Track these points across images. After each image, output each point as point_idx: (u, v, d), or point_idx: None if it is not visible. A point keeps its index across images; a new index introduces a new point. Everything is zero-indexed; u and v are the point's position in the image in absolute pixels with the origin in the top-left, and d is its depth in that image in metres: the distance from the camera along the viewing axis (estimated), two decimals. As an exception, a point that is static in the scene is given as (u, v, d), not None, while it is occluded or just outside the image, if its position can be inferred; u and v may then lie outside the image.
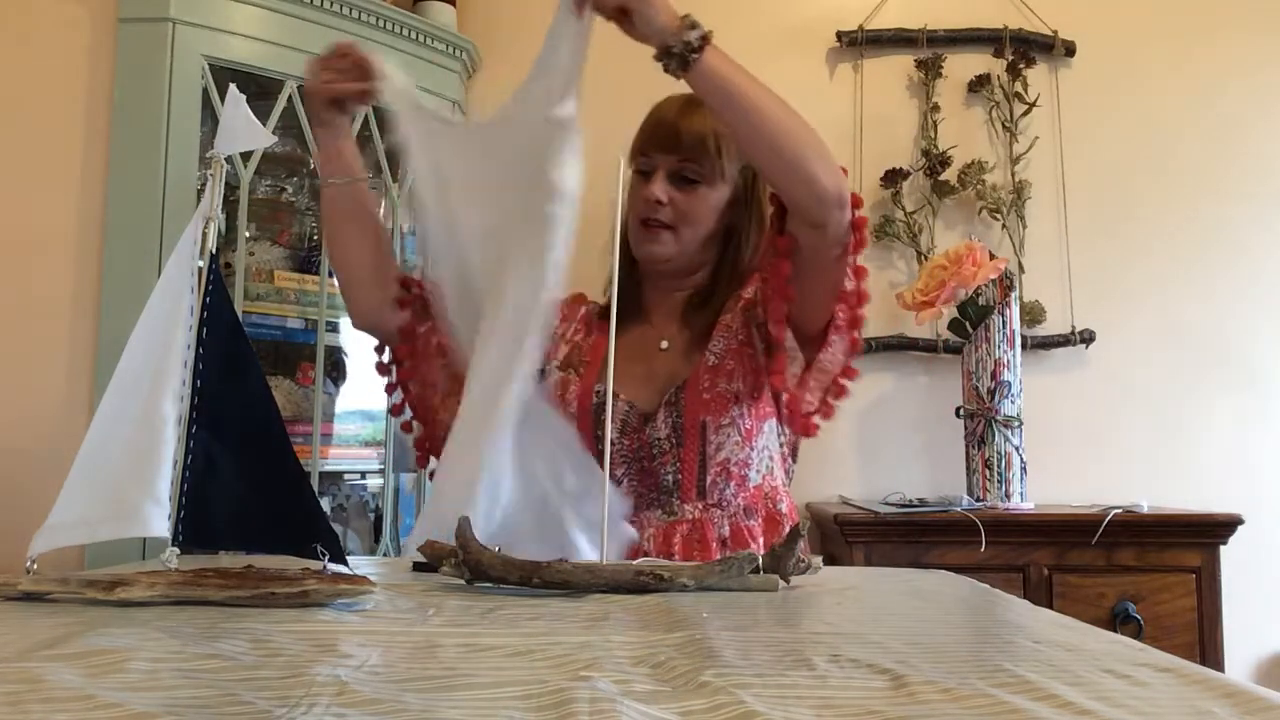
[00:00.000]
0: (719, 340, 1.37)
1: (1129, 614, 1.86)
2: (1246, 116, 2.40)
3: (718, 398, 1.33)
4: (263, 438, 0.80)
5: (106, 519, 0.77)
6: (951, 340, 2.22)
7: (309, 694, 0.46)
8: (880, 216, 2.36)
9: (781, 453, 1.42)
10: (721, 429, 1.33)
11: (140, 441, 0.77)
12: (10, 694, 0.45)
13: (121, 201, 1.82)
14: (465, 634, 0.63)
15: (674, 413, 1.33)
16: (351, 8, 2.06)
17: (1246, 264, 2.37)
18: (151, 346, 0.78)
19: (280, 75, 1.99)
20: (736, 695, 0.47)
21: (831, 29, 2.42)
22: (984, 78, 2.39)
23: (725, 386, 1.33)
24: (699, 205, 1.37)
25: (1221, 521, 1.91)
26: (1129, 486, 2.23)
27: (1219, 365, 2.35)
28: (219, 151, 0.80)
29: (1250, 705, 0.46)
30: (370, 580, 0.76)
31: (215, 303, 0.79)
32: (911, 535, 1.89)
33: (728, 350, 1.36)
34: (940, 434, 2.27)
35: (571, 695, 0.46)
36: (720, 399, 1.33)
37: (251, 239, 2.03)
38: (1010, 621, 0.76)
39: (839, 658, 0.56)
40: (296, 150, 2.08)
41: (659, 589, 0.82)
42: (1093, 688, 0.50)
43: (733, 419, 1.33)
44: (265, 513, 0.80)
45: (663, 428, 1.32)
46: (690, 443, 1.32)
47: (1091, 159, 2.39)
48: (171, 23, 1.84)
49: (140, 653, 0.54)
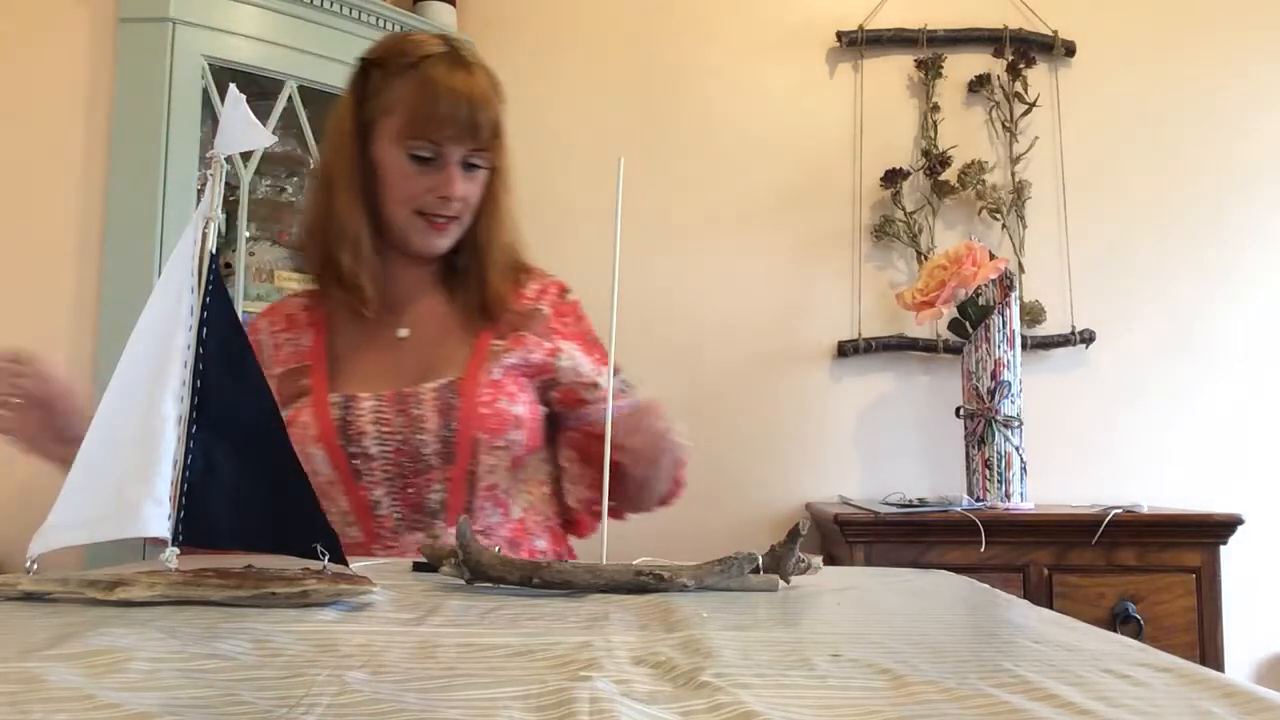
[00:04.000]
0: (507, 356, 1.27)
1: (1129, 614, 1.86)
2: (1246, 117, 2.40)
3: (497, 415, 1.21)
4: (263, 437, 0.80)
5: (106, 519, 0.77)
6: (951, 340, 2.22)
7: (309, 694, 0.46)
8: (880, 216, 2.36)
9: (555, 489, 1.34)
10: (495, 450, 1.22)
11: (140, 441, 0.77)
12: (10, 694, 0.45)
13: (121, 201, 1.82)
14: (465, 634, 0.63)
15: (446, 423, 1.20)
16: (351, 8, 2.06)
17: (1247, 264, 2.38)
18: (151, 346, 0.78)
19: (280, 75, 1.99)
20: (736, 695, 0.47)
21: (831, 29, 2.42)
22: (984, 78, 2.39)
23: (506, 407, 1.23)
24: (479, 188, 1.29)
25: (1221, 521, 1.91)
26: (1129, 486, 2.23)
27: (1219, 365, 2.35)
28: (219, 151, 0.80)
29: (1250, 705, 0.46)
30: (370, 580, 0.76)
31: (215, 303, 0.79)
32: (911, 535, 1.89)
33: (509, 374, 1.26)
34: (940, 434, 2.27)
35: (571, 695, 0.46)
36: (500, 418, 1.21)
37: (251, 239, 2.03)
38: (1010, 621, 0.76)
39: (839, 658, 0.56)
40: (296, 150, 2.08)
41: (659, 589, 0.82)
42: (1093, 688, 0.50)
43: (508, 443, 1.22)
44: (265, 513, 0.80)
45: (431, 440, 1.20)
46: (460, 459, 1.20)
47: (1091, 159, 2.39)
48: (171, 23, 1.85)
49: (140, 653, 0.54)
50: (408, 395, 1.22)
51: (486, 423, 1.21)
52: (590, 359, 1.32)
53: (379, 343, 1.29)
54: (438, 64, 1.23)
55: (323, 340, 1.29)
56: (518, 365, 1.27)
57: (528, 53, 2.43)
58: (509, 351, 1.27)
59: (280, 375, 1.27)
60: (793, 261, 2.38)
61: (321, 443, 1.20)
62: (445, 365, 1.26)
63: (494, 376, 1.25)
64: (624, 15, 2.43)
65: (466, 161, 1.26)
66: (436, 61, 1.23)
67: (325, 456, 1.20)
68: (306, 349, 1.29)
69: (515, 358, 1.27)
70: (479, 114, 1.23)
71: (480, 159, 1.27)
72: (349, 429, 1.20)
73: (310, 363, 1.27)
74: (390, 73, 1.25)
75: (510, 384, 1.25)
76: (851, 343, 2.34)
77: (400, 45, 1.27)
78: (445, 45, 1.26)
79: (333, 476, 1.21)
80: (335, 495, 1.21)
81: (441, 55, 1.24)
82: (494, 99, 1.26)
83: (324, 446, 1.20)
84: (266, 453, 0.80)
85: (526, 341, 1.29)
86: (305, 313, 1.33)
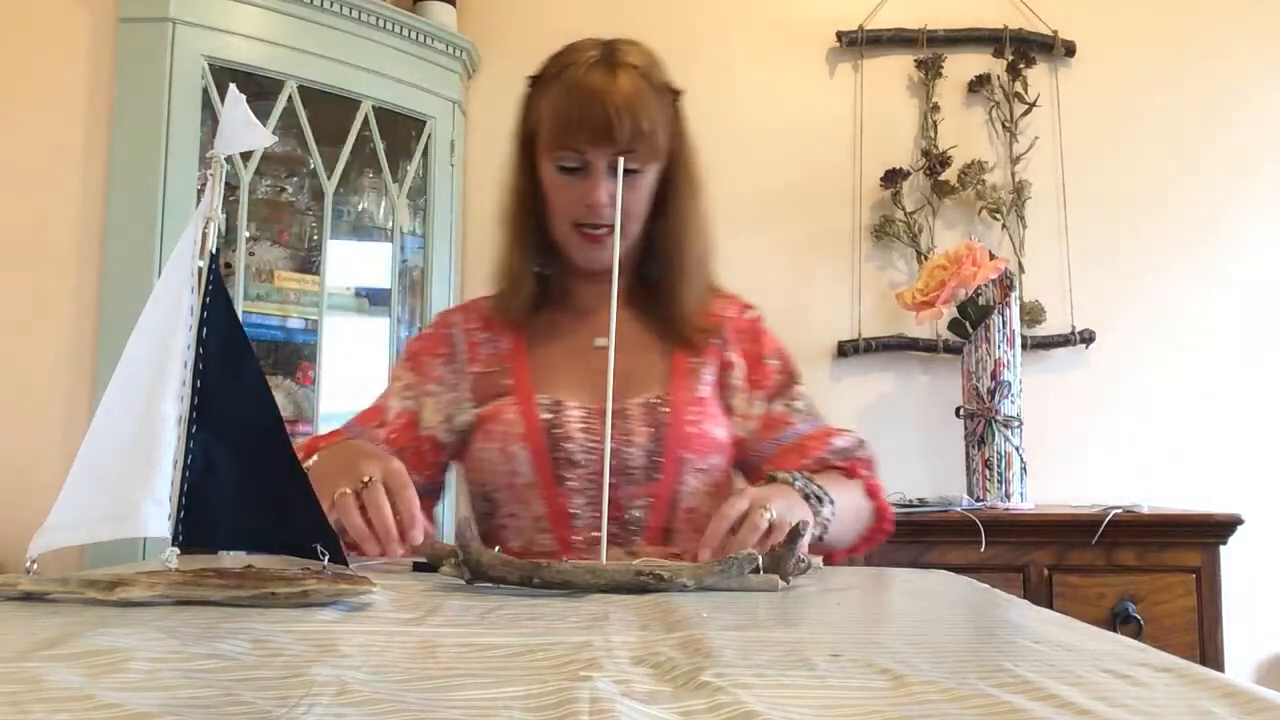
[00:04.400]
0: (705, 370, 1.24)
1: (1129, 614, 1.86)
2: (1246, 117, 2.40)
3: (703, 437, 1.19)
4: (263, 438, 0.80)
5: (106, 519, 0.77)
6: (951, 340, 2.22)
7: (309, 694, 0.46)
8: (880, 216, 2.36)
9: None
10: (699, 472, 1.19)
11: (140, 441, 0.77)
12: (10, 694, 0.45)
13: (121, 201, 1.82)
14: (465, 634, 0.63)
15: (655, 439, 1.17)
16: (351, 8, 2.06)
17: (1247, 263, 2.38)
18: (151, 346, 0.78)
19: (280, 75, 1.99)
20: (736, 695, 0.47)
21: (831, 29, 2.42)
22: (984, 78, 2.39)
23: (710, 429, 1.20)
24: (641, 195, 1.22)
25: (1221, 521, 1.91)
26: (1129, 486, 2.23)
27: (1219, 365, 2.35)
28: (219, 151, 0.80)
29: (1250, 705, 0.46)
30: (370, 580, 0.76)
31: (215, 303, 0.79)
32: (911, 535, 1.89)
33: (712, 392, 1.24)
34: (940, 434, 2.27)
35: (571, 695, 0.46)
36: (704, 440, 1.19)
37: (251, 239, 2.03)
38: (1010, 621, 0.76)
39: (839, 658, 0.56)
40: (296, 150, 2.08)
41: (659, 589, 0.82)
42: (1093, 688, 0.50)
43: (709, 467, 1.20)
44: (265, 513, 0.80)
45: (639, 454, 1.17)
46: (666, 477, 1.17)
47: (1091, 159, 2.39)
48: (171, 23, 1.85)
49: (140, 653, 0.54)
50: (616, 409, 1.17)
51: (693, 443, 1.18)
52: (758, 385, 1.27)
53: (576, 350, 1.26)
54: (581, 69, 1.18)
55: (522, 344, 1.27)
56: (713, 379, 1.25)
57: (528, 53, 2.42)
58: (706, 366, 1.25)
59: (478, 374, 1.26)
60: (793, 261, 2.38)
61: (526, 442, 1.17)
62: (644, 378, 1.23)
63: (700, 394, 1.22)
64: (624, 15, 2.42)
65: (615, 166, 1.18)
66: (581, 67, 1.18)
67: (529, 457, 1.17)
68: (506, 351, 1.27)
69: (710, 372, 1.25)
70: (619, 116, 1.15)
71: (629, 161, 1.17)
72: (555, 431, 1.17)
73: (512, 365, 1.25)
74: (543, 84, 1.23)
75: (714, 405, 1.23)
76: (851, 343, 2.34)
77: (556, 56, 1.24)
78: (599, 50, 1.20)
79: (532, 479, 1.17)
80: (531, 499, 1.18)
81: (590, 61, 1.19)
82: (643, 100, 1.17)
83: (529, 446, 1.17)
84: (266, 453, 0.80)
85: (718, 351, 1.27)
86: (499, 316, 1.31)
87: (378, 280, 2.21)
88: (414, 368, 1.29)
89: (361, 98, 2.11)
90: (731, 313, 1.32)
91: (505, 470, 1.18)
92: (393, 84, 2.16)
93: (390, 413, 1.26)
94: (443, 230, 2.27)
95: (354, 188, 2.22)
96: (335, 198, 2.10)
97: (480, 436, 1.21)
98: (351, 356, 2.14)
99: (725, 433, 1.22)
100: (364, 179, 2.23)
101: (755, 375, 1.28)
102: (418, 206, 2.28)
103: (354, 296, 2.19)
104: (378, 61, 2.13)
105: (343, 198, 2.17)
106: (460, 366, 1.27)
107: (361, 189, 2.23)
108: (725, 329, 1.29)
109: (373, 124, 2.14)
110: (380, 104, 2.15)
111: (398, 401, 1.27)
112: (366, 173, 2.22)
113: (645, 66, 1.20)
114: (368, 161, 2.20)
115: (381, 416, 1.26)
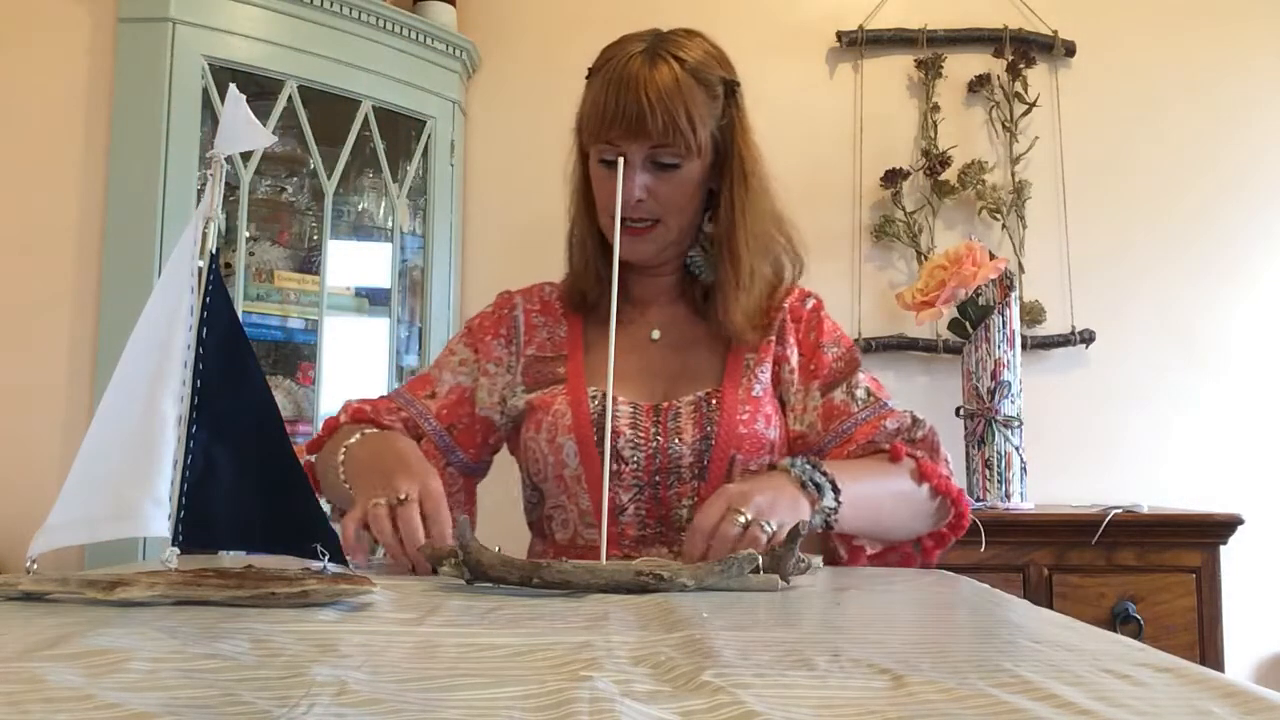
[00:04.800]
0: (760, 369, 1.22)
1: (1129, 614, 1.86)
2: (1247, 117, 2.40)
3: (754, 437, 1.17)
4: (263, 438, 0.80)
5: (106, 519, 0.77)
6: (951, 340, 2.22)
7: (309, 694, 0.46)
8: (880, 216, 2.36)
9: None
10: (749, 473, 1.16)
11: (140, 441, 0.77)
12: (10, 694, 0.45)
13: (121, 201, 1.82)
14: (465, 634, 0.63)
15: (704, 437, 1.16)
16: (351, 8, 2.06)
17: (1246, 264, 2.38)
18: (151, 346, 0.78)
19: (280, 75, 1.99)
20: (736, 695, 0.47)
21: (831, 29, 2.42)
22: (984, 78, 2.39)
23: (763, 430, 1.18)
24: (680, 189, 1.19)
25: (1221, 521, 1.91)
26: (1129, 486, 2.23)
27: (1219, 365, 2.35)
28: (219, 151, 0.80)
29: (1250, 705, 0.46)
30: (370, 580, 0.76)
31: (215, 303, 0.79)
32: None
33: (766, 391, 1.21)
34: (940, 434, 2.27)
35: (571, 695, 0.46)
36: (756, 439, 1.17)
37: (251, 239, 2.03)
38: (1010, 621, 0.76)
39: (839, 658, 0.56)
40: (296, 150, 2.08)
41: (659, 589, 0.82)
42: (1093, 688, 0.50)
43: (760, 467, 1.17)
44: (265, 513, 0.80)
45: (687, 452, 1.16)
46: (714, 476, 1.15)
47: (1091, 159, 2.39)
48: (171, 23, 1.85)
49: (140, 653, 0.54)
50: (665, 407, 1.18)
51: (744, 443, 1.16)
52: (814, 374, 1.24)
53: (632, 342, 1.25)
54: (621, 62, 1.16)
55: (579, 333, 1.26)
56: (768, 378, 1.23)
57: (528, 53, 2.43)
58: (761, 364, 1.23)
59: (531, 358, 1.26)
60: (793, 261, 2.37)
61: (574, 434, 1.16)
62: (698, 374, 1.22)
63: (754, 393, 1.20)
64: (624, 15, 2.41)
65: (654, 160, 1.17)
66: (621, 60, 1.16)
67: (576, 450, 1.15)
68: (562, 339, 1.26)
69: (765, 371, 1.23)
70: (652, 108, 1.12)
71: (667, 155, 1.16)
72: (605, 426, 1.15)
73: (566, 353, 1.24)
74: (592, 78, 1.21)
75: (768, 404, 1.20)
76: (851, 343, 2.34)
77: (607, 48, 1.22)
78: (645, 43, 1.17)
79: (579, 472, 1.16)
80: (578, 493, 1.17)
81: (634, 53, 1.16)
82: (682, 92, 1.14)
83: (576, 439, 1.16)
84: (266, 453, 0.80)
85: (771, 347, 1.24)
86: (560, 303, 1.31)
87: (378, 280, 2.21)
88: (472, 344, 1.29)
89: (361, 98, 2.11)
90: (792, 302, 1.29)
91: (553, 462, 1.18)
92: (393, 84, 2.16)
93: (443, 386, 1.25)
94: (443, 230, 2.27)
95: (354, 188, 2.22)
96: (335, 198, 2.10)
97: (531, 426, 1.20)
98: (351, 356, 2.14)
99: (777, 433, 1.20)
100: (364, 179, 2.23)
101: (812, 364, 1.25)
102: (418, 206, 2.28)
103: (354, 296, 2.19)
104: (378, 61, 2.13)
105: (343, 198, 2.17)
106: (518, 349, 1.27)
107: (361, 189, 2.23)
108: (782, 323, 1.27)
109: (373, 124, 2.14)
110: (380, 104, 2.15)
111: (452, 376, 1.26)
112: (366, 173, 2.22)
113: (695, 59, 1.17)
114: (368, 161, 2.20)
115: (433, 387, 1.26)
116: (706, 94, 1.17)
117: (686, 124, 1.14)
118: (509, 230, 2.38)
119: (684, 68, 1.16)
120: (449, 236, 2.28)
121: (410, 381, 1.30)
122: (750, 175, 1.23)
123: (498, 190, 2.42)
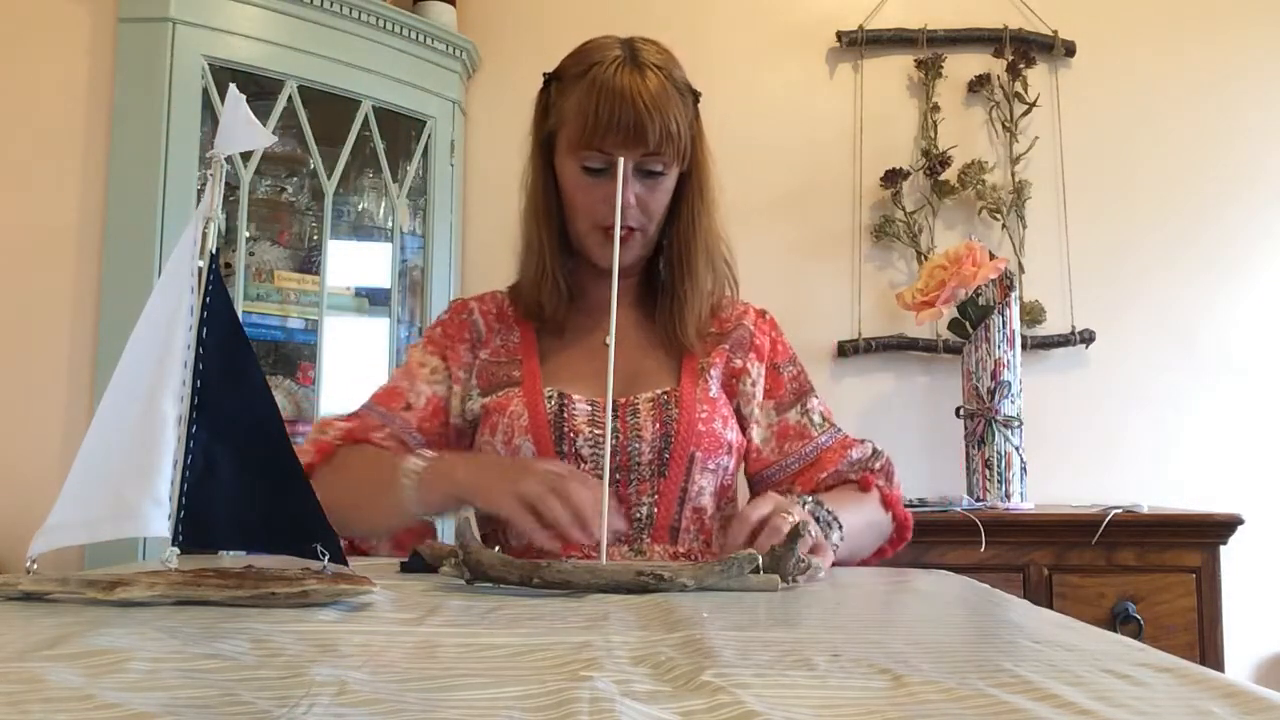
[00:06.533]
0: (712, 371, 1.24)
1: (1129, 614, 1.86)
2: (1246, 117, 2.40)
3: (713, 435, 1.19)
4: (263, 438, 0.80)
5: (106, 519, 0.77)
6: (951, 340, 2.22)
7: (309, 694, 0.46)
8: (880, 216, 2.36)
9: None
10: (707, 472, 1.19)
11: (140, 442, 0.77)
12: (10, 694, 0.45)
13: (121, 201, 1.82)
14: (465, 634, 0.63)
15: (664, 434, 1.17)
16: (351, 8, 2.06)
17: (1246, 264, 2.38)
18: (151, 346, 0.78)
19: (280, 75, 1.99)
20: (736, 695, 0.47)
21: (831, 29, 2.42)
22: (984, 78, 2.39)
23: (720, 430, 1.20)
24: (662, 197, 1.21)
25: (1221, 521, 1.91)
26: (1129, 486, 2.23)
27: (1219, 365, 2.35)
28: (219, 151, 0.80)
29: (1250, 705, 0.46)
30: (370, 580, 0.76)
31: (215, 303, 0.79)
32: (911, 535, 1.88)
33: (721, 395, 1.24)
34: (940, 434, 2.27)
35: (571, 695, 0.46)
36: (714, 439, 1.19)
37: (251, 239, 2.03)
38: (1010, 621, 0.76)
39: (839, 658, 0.56)
40: (296, 150, 2.08)
41: (659, 589, 0.82)
42: (1093, 688, 0.50)
43: (718, 467, 1.20)
44: (265, 513, 0.80)
45: (647, 450, 1.16)
46: (674, 474, 1.16)
47: (1091, 159, 2.39)
48: (171, 23, 1.85)
49: (140, 653, 0.54)
50: (624, 403, 1.19)
51: (703, 440, 1.17)
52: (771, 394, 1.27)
53: (584, 347, 1.26)
54: (607, 69, 1.16)
55: (532, 339, 1.27)
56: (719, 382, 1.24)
57: (528, 53, 2.42)
58: (713, 368, 1.25)
59: (485, 361, 1.25)
60: (793, 261, 2.38)
61: (531, 435, 1.15)
62: (654, 374, 1.23)
63: (711, 394, 1.22)
64: (624, 15, 2.42)
65: (643, 169, 1.18)
66: (606, 67, 1.16)
67: (533, 451, 1.15)
68: (515, 345, 1.26)
69: (717, 374, 1.24)
70: (647, 117, 1.14)
71: (655, 164, 1.18)
72: (563, 425, 1.16)
73: (521, 358, 1.25)
74: (565, 84, 1.21)
75: (724, 407, 1.22)
76: (851, 343, 2.34)
77: (577, 53, 1.22)
78: (623, 49, 1.19)
79: None
80: None
81: (615, 60, 1.17)
82: (670, 101, 1.16)
83: (534, 439, 1.15)
84: (266, 453, 0.80)
85: (725, 355, 1.26)
86: (514, 310, 1.31)
87: (378, 280, 2.21)
88: (439, 352, 1.28)
89: (361, 98, 2.11)
90: (747, 320, 1.31)
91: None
92: (393, 84, 2.16)
93: (418, 397, 1.24)
94: (443, 230, 2.27)
95: (354, 188, 2.22)
96: (335, 198, 2.10)
97: (486, 429, 1.20)
98: (351, 357, 2.14)
99: (735, 435, 1.21)
100: (364, 179, 2.23)
101: (770, 384, 1.27)
102: (418, 206, 2.28)
103: (354, 296, 2.19)
104: (378, 61, 2.13)
105: (343, 198, 2.17)
106: (478, 350, 1.27)
107: (361, 189, 2.23)
108: (738, 336, 1.29)
109: (373, 124, 2.14)
110: (380, 104, 2.15)
111: (427, 386, 1.25)
112: (366, 173, 2.22)
113: (668, 66, 1.19)
114: (368, 161, 2.20)
115: (406, 399, 1.24)
116: (684, 103, 1.20)
117: (676, 132, 1.16)
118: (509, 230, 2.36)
119: (666, 76, 1.18)
120: (449, 236, 2.28)
121: (377, 394, 1.26)
122: (707, 188, 1.26)
123: (498, 190, 2.41)
